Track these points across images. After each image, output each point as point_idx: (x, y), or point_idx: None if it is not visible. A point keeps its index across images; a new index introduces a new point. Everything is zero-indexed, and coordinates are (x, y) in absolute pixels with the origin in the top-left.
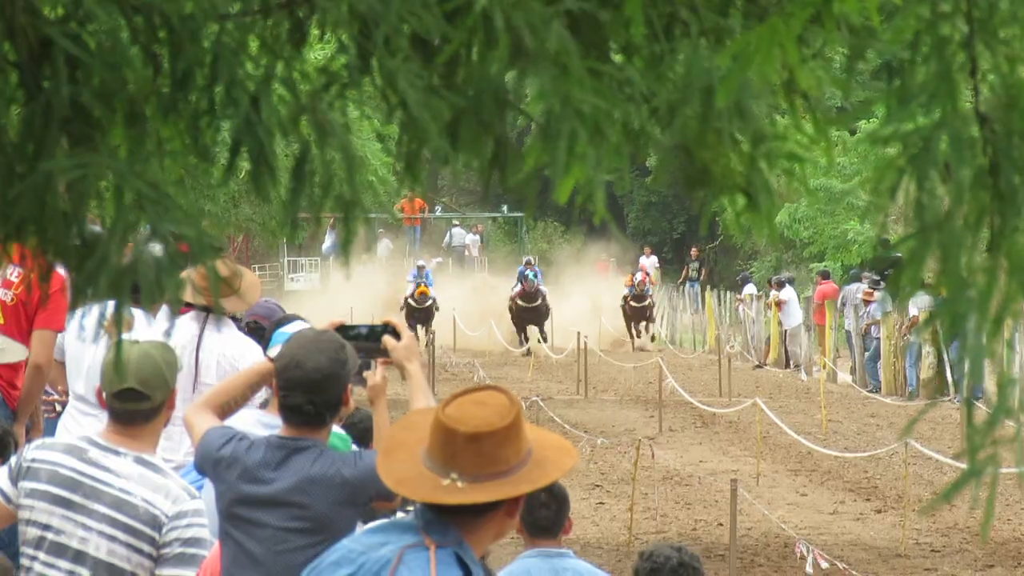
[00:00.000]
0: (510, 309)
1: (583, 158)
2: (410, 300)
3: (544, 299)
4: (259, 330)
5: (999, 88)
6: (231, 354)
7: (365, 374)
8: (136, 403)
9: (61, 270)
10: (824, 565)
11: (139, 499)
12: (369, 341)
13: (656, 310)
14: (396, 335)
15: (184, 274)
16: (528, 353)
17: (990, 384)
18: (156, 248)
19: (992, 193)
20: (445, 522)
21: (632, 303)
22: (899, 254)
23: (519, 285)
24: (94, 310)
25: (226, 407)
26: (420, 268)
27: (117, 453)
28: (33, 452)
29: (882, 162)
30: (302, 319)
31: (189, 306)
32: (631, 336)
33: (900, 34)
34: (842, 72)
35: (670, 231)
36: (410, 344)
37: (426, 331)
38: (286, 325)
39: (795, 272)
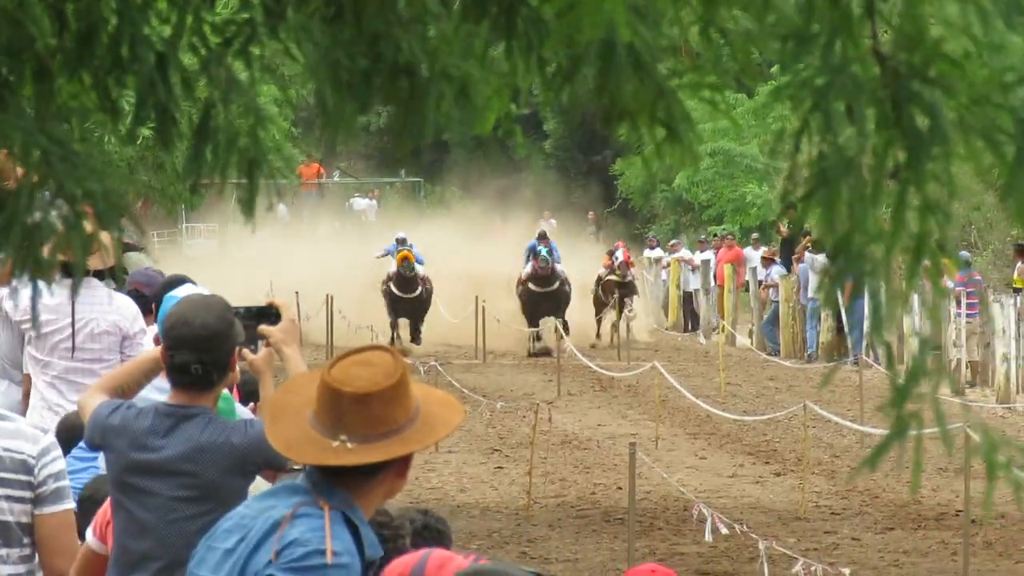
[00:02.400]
0: (519, 295)
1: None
2: (392, 287)
3: (563, 282)
4: (141, 297)
5: (901, 27)
6: (110, 313)
7: (246, 352)
8: None
9: None
10: (724, 529)
11: (0, 450)
12: (249, 319)
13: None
14: (277, 316)
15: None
16: (542, 352)
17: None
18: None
19: (895, 132)
20: (333, 484)
21: (613, 278)
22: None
23: (529, 264)
24: None
25: (121, 391)
26: (401, 240)
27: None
28: None
29: (789, 115)
30: (191, 281)
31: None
32: (599, 327)
33: None
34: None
35: (567, 195)
36: (287, 327)
37: (413, 329)
38: (175, 288)
39: (692, 235)
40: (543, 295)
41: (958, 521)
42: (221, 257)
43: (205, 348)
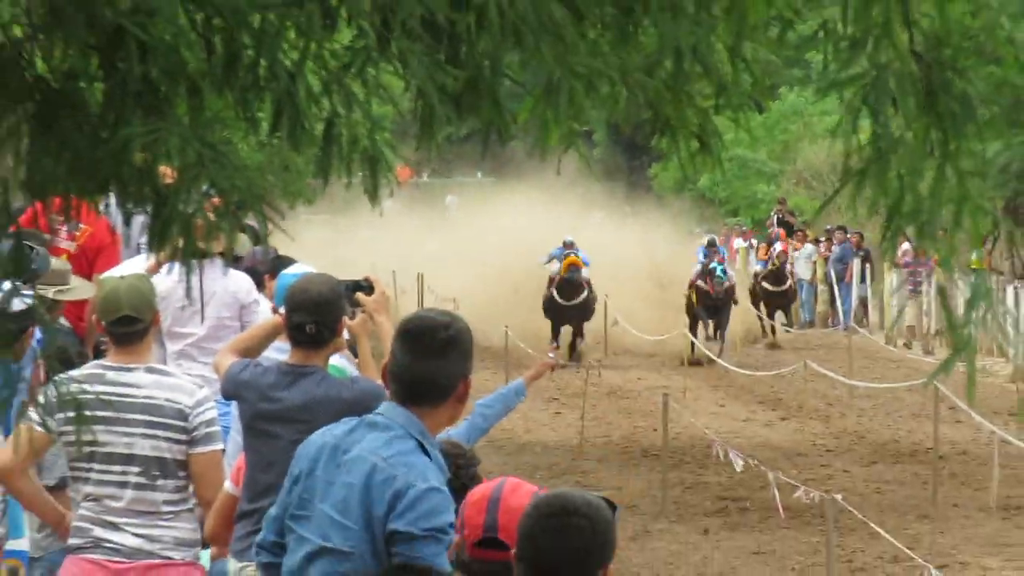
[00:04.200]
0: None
1: (580, 108)
2: (553, 291)
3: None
4: (254, 273)
5: (931, 30)
6: (230, 287)
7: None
8: (132, 326)
9: (112, 225)
10: (739, 463)
11: (163, 400)
12: (347, 290)
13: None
14: (371, 288)
15: None
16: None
17: (872, 317)
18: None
19: (931, 118)
20: (410, 414)
21: (765, 284)
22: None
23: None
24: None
25: (247, 353)
26: (568, 244)
27: (130, 370)
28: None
29: (845, 104)
30: (297, 261)
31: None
32: (764, 329)
33: None
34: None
35: (612, 193)
36: (379, 298)
37: (575, 334)
38: (288, 267)
39: (712, 224)
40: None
41: (928, 457)
42: (332, 243)
43: (318, 311)
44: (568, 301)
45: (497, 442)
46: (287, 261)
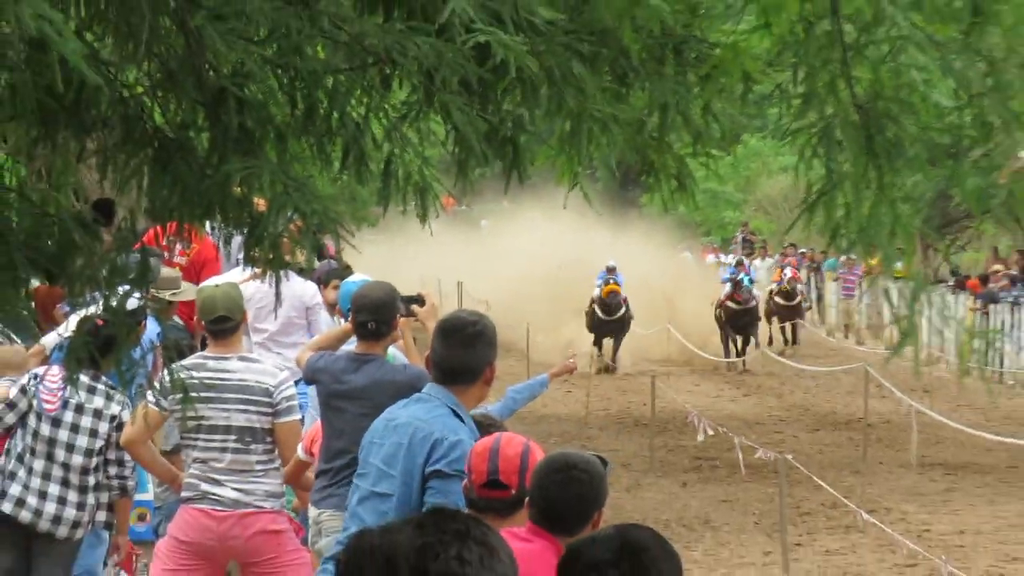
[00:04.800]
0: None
1: (598, 145)
2: (596, 308)
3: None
4: (317, 282)
5: (868, 86)
6: (297, 292)
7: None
8: (226, 324)
9: (215, 244)
10: (711, 431)
11: (252, 381)
12: (406, 302)
13: None
14: (422, 301)
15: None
16: (603, 370)
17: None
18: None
19: (869, 157)
20: (448, 392)
21: (779, 299)
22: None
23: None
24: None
25: (322, 350)
26: (610, 269)
27: (226, 358)
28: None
29: (800, 148)
30: (353, 271)
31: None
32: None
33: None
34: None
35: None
36: (429, 309)
37: (614, 348)
38: (349, 278)
39: (691, 242)
40: (609, 322)
41: (860, 425)
42: (390, 258)
43: (377, 312)
44: (609, 317)
45: (520, 415)
46: (347, 271)
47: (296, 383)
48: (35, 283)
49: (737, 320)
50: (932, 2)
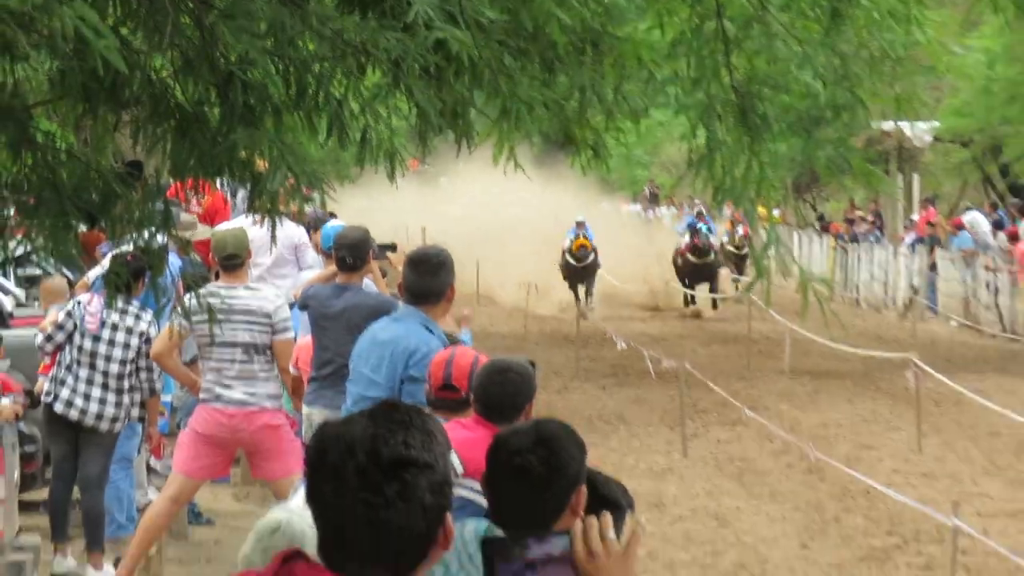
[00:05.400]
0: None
1: (525, 126)
2: (568, 257)
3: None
4: (307, 228)
5: (744, 73)
6: (287, 234)
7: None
8: (235, 260)
9: (224, 196)
10: (625, 345)
11: (256, 306)
12: (382, 248)
13: None
14: (395, 248)
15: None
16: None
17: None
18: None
19: (743, 129)
20: (418, 310)
21: (730, 249)
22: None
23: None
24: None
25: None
26: (580, 224)
27: (234, 288)
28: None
29: (690, 121)
30: (336, 217)
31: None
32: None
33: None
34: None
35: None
36: (400, 255)
37: (586, 292)
38: (331, 222)
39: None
40: (579, 268)
41: (745, 340)
42: (367, 209)
43: (353, 248)
44: (579, 263)
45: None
46: (332, 217)
47: (291, 307)
48: (82, 228)
49: (697, 273)
50: (798, 5)
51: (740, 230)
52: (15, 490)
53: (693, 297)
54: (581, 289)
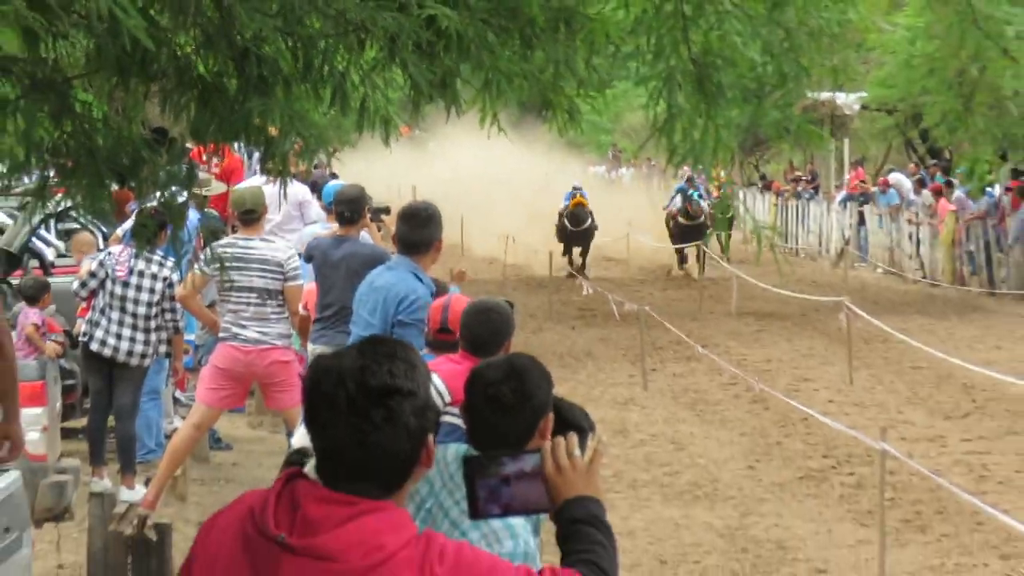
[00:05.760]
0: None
1: (506, 95)
2: (565, 220)
3: (591, 222)
4: (314, 187)
5: (700, 47)
6: (294, 192)
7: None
8: (252, 214)
9: (240, 158)
10: (592, 290)
11: (269, 255)
12: (376, 211)
13: None
14: (389, 211)
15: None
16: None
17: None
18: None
19: (700, 96)
20: (407, 258)
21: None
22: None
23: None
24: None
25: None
26: (577, 188)
27: (250, 239)
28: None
29: (651, 90)
30: (337, 177)
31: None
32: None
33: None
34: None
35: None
36: (393, 217)
37: (582, 254)
38: (332, 182)
39: (577, 158)
40: (577, 232)
41: (697, 285)
42: (364, 170)
43: (351, 203)
44: (576, 228)
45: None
46: (333, 177)
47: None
48: (113, 187)
49: (688, 234)
50: None
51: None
52: (57, 419)
53: (684, 258)
54: (576, 252)
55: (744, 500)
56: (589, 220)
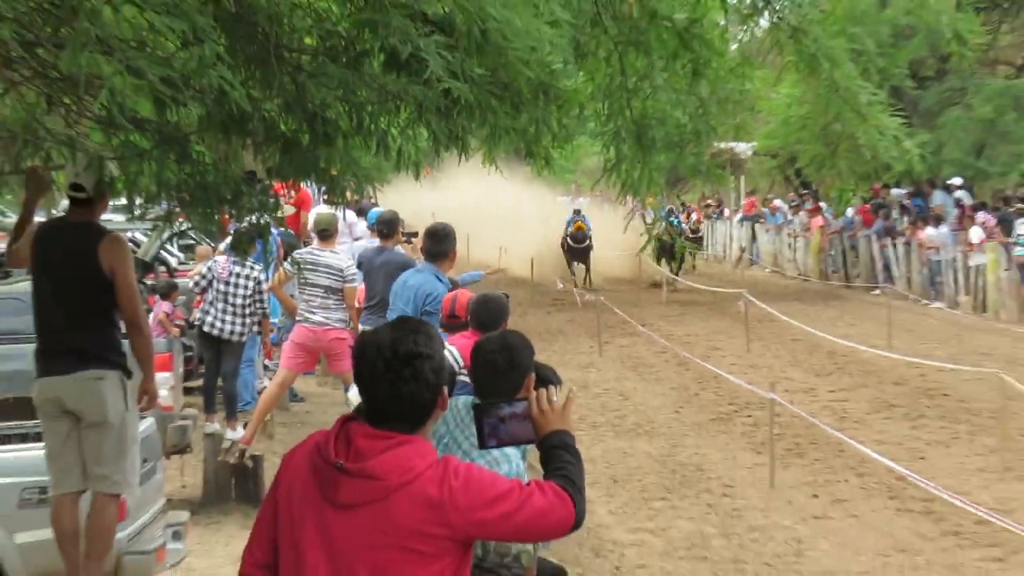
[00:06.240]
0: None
1: (502, 145)
2: (568, 240)
3: (590, 241)
4: (360, 212)
5: (638, 110)
6: (349, 220)
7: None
8: (326, 232)
9: (310, 192)
10: (562, 286)
11: (334, 262)
12: (408, 234)
13: None
14: (417, 235)
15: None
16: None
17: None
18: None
19: (639, 147)
20: (431, 263)
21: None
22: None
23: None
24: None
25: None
26: (577, 212)
27: (324, 251)
28: (293, 257)
29: (603, 143)
30: (377, 205)
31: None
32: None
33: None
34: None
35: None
36: (418, 240)
37: (586, 269)
38: (374, 209)
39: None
40: (579, 249)
41: (637, 281)
42: (396, 200)
43: (388, 223)
44: (578, 245)
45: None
46: (374, 206)
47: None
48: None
49: (668, 251)
50: (672, 67)
51: (694, 216)
52: (180, 380)
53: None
54: (580, 268)
55: (672, 435)
56: (587, 240)
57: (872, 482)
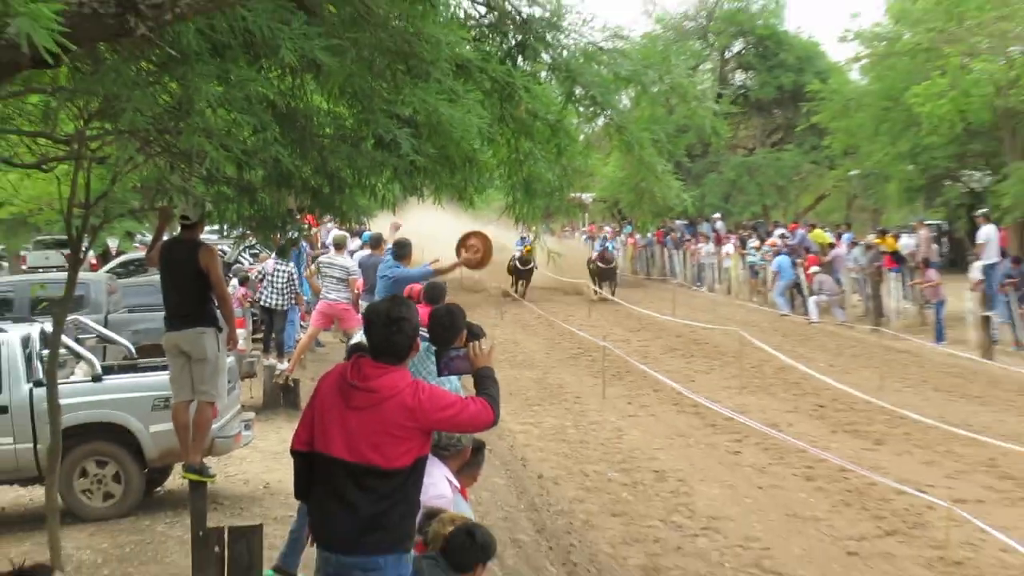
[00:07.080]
0: (590, 268)
1: (446, 192)
2: (516, 263)
3: (533, 264)
4: (357, 233)
5: (526, 173)
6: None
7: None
8: (340, 244)
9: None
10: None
11: (346, 264)
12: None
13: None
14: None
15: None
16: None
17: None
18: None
19: (526, 194)
20: (398, 263)
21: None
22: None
23: (596, 251)
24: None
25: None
26: (523, 239)
27: (338, 256)
28: (317, 261)
29: (506, 191)
30: (369, 229)
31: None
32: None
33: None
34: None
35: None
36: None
37: (525, 284)
38: (366, 232)
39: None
40: (524, 271)
41: (585, 293)
42: (383, 225)
43: (375, 240)
44: (523, 267)
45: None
46: (366, 231)
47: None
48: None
49: (604, 274)
50: (547, 146)
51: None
52: (249, 334)
53: (599, 287)
54: (521, 284)
55: (544, 367)
56: (532, 263)
57: (663, 395)
